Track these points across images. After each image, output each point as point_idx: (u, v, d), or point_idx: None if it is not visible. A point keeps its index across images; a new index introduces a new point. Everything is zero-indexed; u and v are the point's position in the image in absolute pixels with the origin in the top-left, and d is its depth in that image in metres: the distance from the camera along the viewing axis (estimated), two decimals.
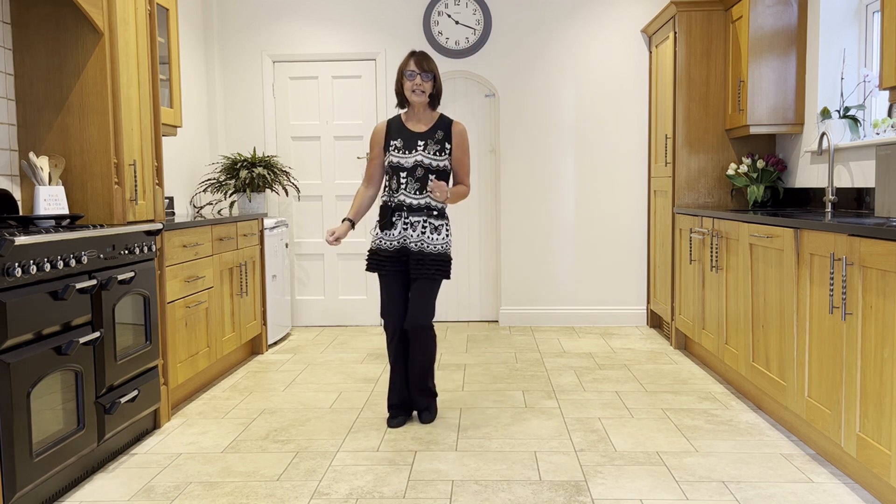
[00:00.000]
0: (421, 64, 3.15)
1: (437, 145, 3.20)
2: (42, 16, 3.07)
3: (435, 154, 3.18)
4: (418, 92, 3.17)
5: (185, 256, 3.59)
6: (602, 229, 5.49)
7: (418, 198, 3.17)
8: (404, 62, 3.19)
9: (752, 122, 4.26)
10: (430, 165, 3.18)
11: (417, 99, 3.18)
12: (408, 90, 3.19)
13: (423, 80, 3.16)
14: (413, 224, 3.17)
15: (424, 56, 3.18)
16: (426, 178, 3.18)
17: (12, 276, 2.23)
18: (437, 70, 3.19)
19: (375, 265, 3.22)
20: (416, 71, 3.15)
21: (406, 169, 3.17)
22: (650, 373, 4.10)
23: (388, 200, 3.22)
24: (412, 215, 3.17)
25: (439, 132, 3.22)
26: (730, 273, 3.70)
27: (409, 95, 3.19)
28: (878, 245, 2.30)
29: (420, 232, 3.17)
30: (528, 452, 2.91)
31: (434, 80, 3.19)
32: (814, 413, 2.77)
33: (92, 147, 3.08)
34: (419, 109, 3.24)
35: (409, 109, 3.28)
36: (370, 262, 3.24)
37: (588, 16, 5.40)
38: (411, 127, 3.24)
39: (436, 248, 3.18)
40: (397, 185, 3.19)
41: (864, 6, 3.92)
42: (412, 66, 3.16)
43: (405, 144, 3.19)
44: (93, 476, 2.74)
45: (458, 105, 5.57)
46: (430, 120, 3.25)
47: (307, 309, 5.64)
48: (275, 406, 3.59)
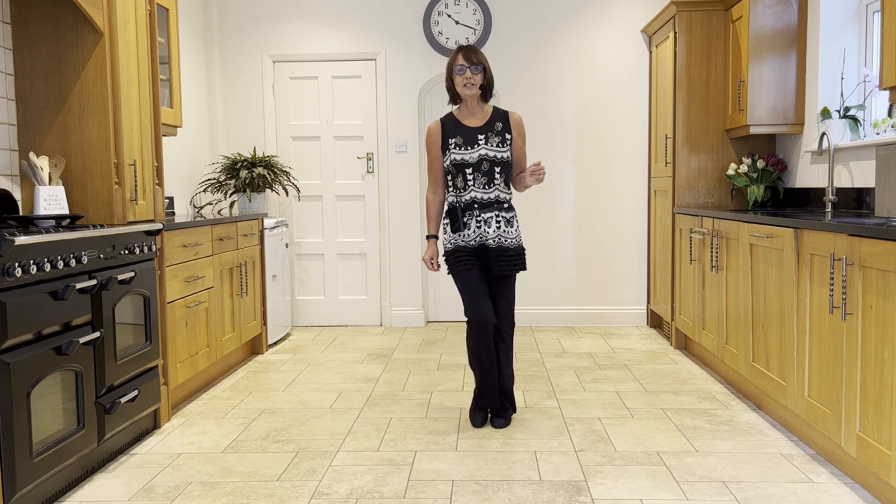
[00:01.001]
0: (469, 57, 3.12)
1: (498, 137, 3.17)
2: (42, 16, 3.07)
3: (498, 146, 3.16)
4: (469, 85, 3.13)
5: (185, 256, 3.59)
6: (602, 229, 5.49)
7: (487, 192, 3.15)
8: (452, 58, 3.17)
9: (752, 122, 4.26)
10: (494, 158, 3.15)
11: (469, 92, 3.15)
12: (459, 85, 3.15)
13: (472, 73, 3.13)
14: (486, 220, 3.14)
15: (472, 49, 3.14)
16: (492, 171, 3.15)
17: (12, 276, 2.23)
18: (486, 62, 3.16)
19: (458, 263, 3.14)
20: (466, 65, 3.12)
21: (471, 165, 3.14)
22: (650, 373, 4.10)
23: (456, 200, 3.18)
24: (483, 212, 3.15)
25: (498, 124, 3.19)
26: (730, 273, 3.70)
27: (460, 90, 3.16)
28: (878, 245, 2.30)
29: (496, 227, 3.14)
30: (528, 452, 2.91)
31: (485, 71, 3.15)
32: (814, 413, 2.77)
33: (92, 147, 3.09)
34: (472, 103, 3.21)
35: (461, 105, 3.24)
36: (452, 263, 3.16)
37: (588, 16, 5.40)
38: (467, 122, 3.21)
39: (513, 242, 3.16)
40: (464, 182, 3.15)
41: (864, 6, 3.92)
42: (461, 61, 3.13)
43: (465, 141, 3.16)
44: (93, 476, 2.74)
45: None
46: (485, 113, 3.22)
47: (307, 309, 5.64)
48: (275, 406, 3.59)
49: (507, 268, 3.13)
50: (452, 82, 3.19)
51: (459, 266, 3.14)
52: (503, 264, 3.13)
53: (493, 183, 3.15)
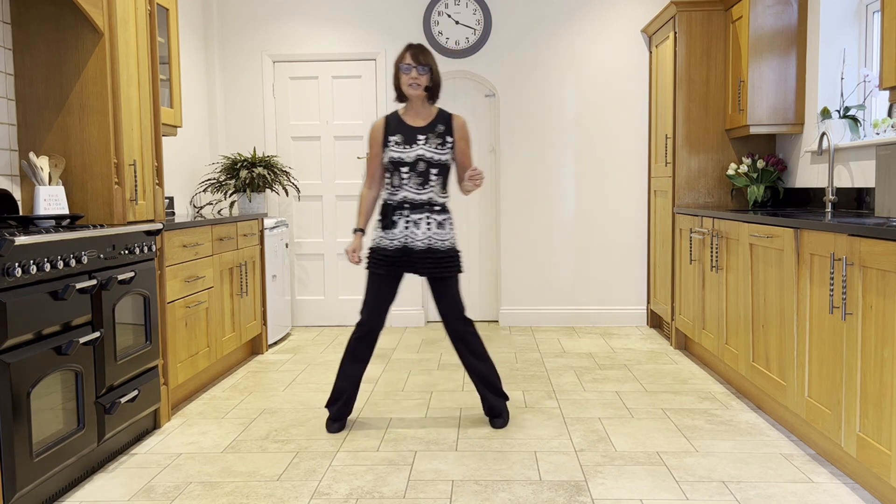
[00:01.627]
0: (417, 57, 3.09)
1: (439, 139, 3.15)
2: (42, 16, 3.07)
3: (437, 148, 3.14)
4: (415, 85, 3.11)
5: (185, 256, 3.59)
6: (602, 229, 5.49)
7: (420, 193, 3.13)
8: (400, 55, 3.13)
9: (752, 122, 4.26)
10: (431, 159, 3.13)
11: (414, 92, 3.12)
12: (404, 84, 3.13)
13: (419, 74, 3.10)
14: (416, 221, 3.12)
15: (421, 49, 3.11)
16: (428, 172, 3.13)
17: (12, 276, 2.23)
18: (434, 63, 3.13)
19: (373, 264, 3.16)
20: (412, 64, 3.10)
21: (407, 164, 3.12)
22: (650, 373, 4.10)
23: (390, 198, 3.17)
24: (414, 212, 3.13)
25: (440, 126, 3.17)
26: (730, 273, 3.70)
27: (405, 90, 3.13)
28: (878, 245, 2.30)
29: (425, 229, 3.12)
30: (528, 452, 2.91)
31: (431, 72, 3.12)
32: (814, 413, 2.77)
33: (92, 147, 3.08)
34: (417, 103, 3.18)
35: (407, 104, 3.21)
36: (369, 260, 3.19)
37: (588, 16, 5.40)
38: (410, 122, 3.18)
39: (444, 245, 3.14)
40: (399, 181, 3.14)
41: (864, 6, 3.92)
42: (408, 60, 3.10)
43: (405, 139, 3.14)
44: (93, 476, 2.74)
45: (458, 105, 5.57)
46: (429, 114, 3.20)
47: (307, 309, 5.64)
48: (275, 406, 3.59)
49: (435, 270, 3.10)
50: (399, 80, 3.15)
51: (373, 267, 3.15)
52: (431, 267, 3.11)
53: (428, 184, 3.13)
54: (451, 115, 3.22)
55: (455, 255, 3.17)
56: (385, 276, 3.15)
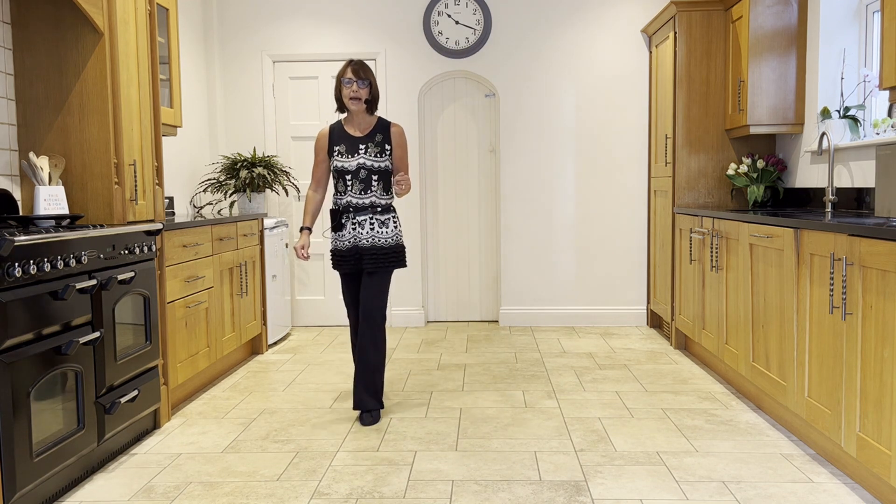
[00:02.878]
0: (357, 72, 3.33)
1: (377, 147, 3.39)
2: (42, 16, 3.07)
3: (376, 156, 3.38)
4: (354, 99, 3.34)
5: (185, 256, 3.59)
6: (602, 229, 5.49)
7: (363, 198, 3.38)
8: (342, 70, 3.36)
9: (752, 122, 4.26)
10: (371, 167, 3.37)
11: (354, 106, 3.36)
12: (345, 97, 3.35)
13: (359, 87, 3.33)
14: (360, 223, 3.37)
15: (361, 64, 3.36)
16: (369, 178, 3.37)
17: (12, 276, 2.23)
18: (373, 77, 3.39)
19: (335, 265, 3.45)
20: (353, 79, 3.33)
21: (350, 172, 3.37)
22: (650, 373, 4.10)
23: (336, 203, 3.43)
24: (358, 215, 3.38)
25: (378, 135, 3.41)
26: (730, 273, 3.70)
27: (346, 102, 3.36)
28: (878, 245, 2.30)
29: (369, 229, 3.37)
30: (528, 452, 2.91)
31: (370, 86, 3.37)
32: (814, 413, 2.77)
33: (92, 147, 3.09)
34: (357, 115, 3.41)
35: (348, 115, 3.45)
36: (332, 262, 3.48)
37: (588, 16, 5.40)
38: (351, 132, 3.42)
39: (387, 242, 3.39)
40: (344, 187, 3.39)
41: (864, 6, 3.92)
42: (349, 75, 3.33)
43: (347, 149, 3.39)
44: (93, 476, 2.74)
45: (458, 105, 5.57)
46: (368, 124, 3.43)
47: (307, 309, 5.64)
48: (275, 406, 3.59)
49: (375, 264, 3.36)
50: (340, 93, 3.38)
51: (338, 268, 3.44)
52: (372, 261, 3.36)
53: (370, 189, 3.38)
54: (390, 123, 3.46)
55: (399, 250, 3.42)
56: (350, 274, 3.45)
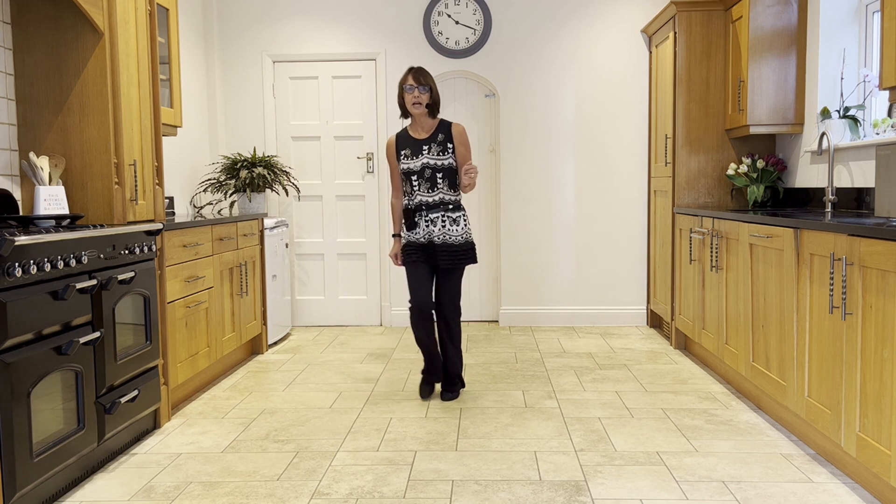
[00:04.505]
0: (418, 78, 3.52)
1: (440, 147, 3.56)
2: (42, 16, 3.07)
3: (438, 154, 3.55)
4: (416, 104, 3.53)
5: (186, 256, 3.59)
6: (602, 229, 5.49)
7: (432, 195, 3.56)
8: (403, 78, 3.56)
9: (752, 122, 4.26)
10: (435, 165, 3.55)
11: (417, 111, 3.55)
12: (408, 103, 3.56)
13: (420, 93, 3.52)
14: (433, 220, 3.55)
15: (421, 71, 3.54)
16: (434, 177, 3.55)
17: (12, 276, 2.23)
18: (433, 82, 3.55)
19: (407, 256, 3.60)
20: (414, 85, 3.52)
21: (416, 172, 3.56)
22: (650, 373, 4.10)
23: (409, 204, 3.61)
24: (430, 212, 3.56)
25: (440, 135, 3.58)
26: (730, 273, 3.70)
27: (409, 108, 3.57)
28: (878, 245, 2.30)
29: (441, 226, 3.54)
30: (528, 452, 2.91)
31: (431, 91, 3.54)
32: (814, 413, 2.77)
33: (92, 147, 3.09)
34: (420, 119, 3.60)
35: (412, 120, 3.64)
36: (404, 255, 3.62)
37: (588, 16, 5.40)
38: (415, 135, 3.62)
39: (457, 239, 3.55)
40: (411, 188, 3.59)
41: (864, 6, 3.92)
42: (410, 81, 3.53)
43: (412, 152, 3.59)
44: (93, 476, 2.75)
45: (458, 105, 5.57)
46: (430, 127, 3.61)
47: (307, 309, 5.64)
48: (275, 406, 3.59)
49: (450, 261, 3.52)
50: (403, 99, 3.58)
51: (407, 258, 3.60)
52: (447, 258, 3.53)
53: (437, 187, 3.56)
54: (451, 123, 3.62)
55: (470, 247, 3.59)
56: (418, 262, 3.58)
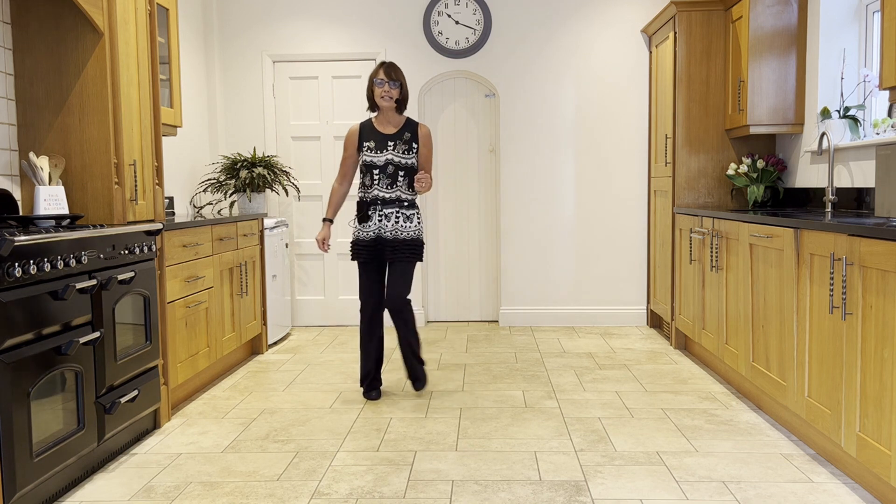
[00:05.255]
0: (389, 73, 3.55)
1: (405, 145, 3.60)
2: (42, 16, 3.07)
3: (403, 153, 3.60)
4: (386, 98, 3.56)
5: (185, 256, 3.59)
6: (602, 229, 5.49)
7: (390, 192, 3.59)
8: (374, 71, 3.58)
9: (752, 122, 4.26)
10: (399, 163, 3.59)
11: (386, 104, 3.58)
12: (377, 96, 3.57)
13: (390, 88, 3.55)
14: (387, 215, 3.57)
15: (393, 66, 3.57)
16: (396, 174, 3.59)
17: (12, 276, 2.23)
18: (403, 79, 3.59)
19: (356, 254, 3.62)
20: (385, 79, 3.55)
21: (378, 167, 3.58)
22: (650, 373, 4.10)
23: (364, 196, 3.61)
24: (385, 207, 3.58)
25: (407, 133, 3.62)
26: (730, 273, 3.70)
27: (378, 101, 3.58)
28: (878, 245, 2.30)
29: (394, 222, 3.57)
30: (528, 452, 2.91)
31: (401, 87, 3.58)
32: (814, 413, 2.77)
33: (92, 147, 3.09)
34: (388, 113, 3.63)
35: (379, 114, 3.65)
36: (352, 252, 3.64)
37: (588, 16, 5.40)
38: (381, 129, 3.63)
39: (409, 235, 3.60)
40: (371, 181, 3.59)
41: (864, 6, 3.92)
42: (381, 75, 3.56)
43: (377, 145, 3.59)
44: (93, 476, 2.75)
45: (458, 105, 5.57)
46: (397, 123, 3.64)
47: (307, 309, 5.64)
48: (275, 406, 3.59)
49: (400, 256, 3.57)
50: (373, 92, 3.59)
51: (356, 256, 3.63)
52: (397, 253, 3.57)
53: (396, 184, 3.59)
54: (418, 123, 3.68)
55: (418, 244, 3.62)
56: (368, 262, 3.62)
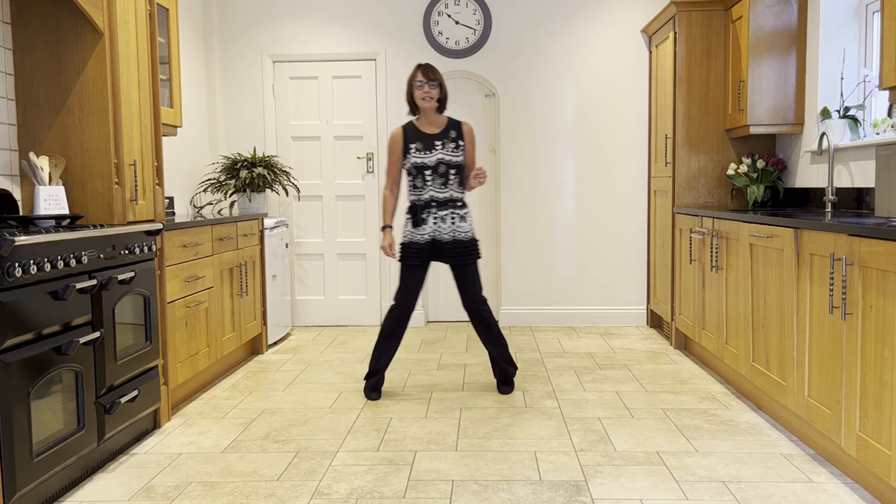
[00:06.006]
0: (427, 74, 3.58)
1: (453, 143, 3.63)
2: (42, 16, 3.07)
3: (452, 151, 3.62)
4: (427, 99, 3.59)
5: (185, 256, 3.59)
6: (602, 229, 5.49)
7: (443, 191, 3.61)
8: (412, 74, 3.61)
9: (752, 122, 4.26)
10: (450, 161, 3.61)
11: (427, 105, 3.61)
12: (418, 98, 3.61)
13: (430, 88, 3.58)
14: (442, 217, 3.59)
15: (430, 67, 3.61)
16: (447, 173, 3.60)
17: (12, 276, 2.23)
18: (442, 78, 3.61)
19: (408, 256, 3.60)
20: (424, 80, 3.58)
21: (430, 167, 3.59)
22: (650, 373, 4.10)
23: (417, 199, 3.63)
24: (440, 209, 3.60)
25: (452, 132, 3.65)
26: (730, 273, 3.70)
27: (420, 103, 3.62)
28: (878, 245, 2.30)
29: (450, 223, 3.59)
30: (528, 452, 2.91)
31: (440, 86, 3.60)
32: (814, 413, 2.77)
33: (92, 147, 3.09)
34: (430, 114, 3.66)
35: (420, 116, 3.68)
36: (403, 254, 3.62)
37: (588, 16, 5.40)
38: (426, 130, 3.66)
39: (466, 235, 3.62)
40: (423, 182, 3.61)
41: (864, 6, 3.92)
42: (420, 77, 3.59)
43: (425, 146, 3.62)
44: (93, 476, 2.75)
45: (458, 105, 5.57)
46: (440, 123, 3.67)
47: (307, 309, 5.64)
48: (275, 406, 3.59)
49: (462, 258, 3.58)
50: (412, 95, 3.63)
51: (408, 259, 3.60)
52: (458, 255, 3.58)
53: (448, 183, 3.61)
54: (461, 122, 3.70)
55: (475, 243, 3.65)
56: (418, 266, 3.61)
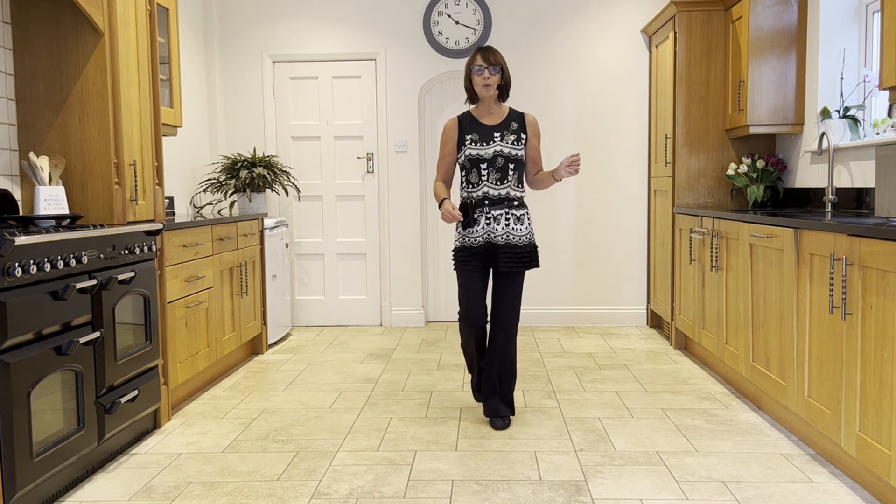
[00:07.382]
0: (487, 58, 3.18)
1: (514, 135, 3.24)
2: (42, 16, 3.07)
3: (513, 144, 3.22)
4: (487, 86, 3.19)
5: (186, 256, 3.59)
6: (602, 229, 5.49)
7: (499, 188, 3.20)
8: (471, 58, 3.22)
9: (752, 122, 4.26)
10: (509, 155, 3.21)
11: (487, 93, 3.21)
12: (478, 85, 3.21)
13: (490, 74, 3.18)
14: (496, 217, 3.19)
15: (491, 50, 3.20)
16: (506, 167, 3.20)
17: (12, 276, 2.23)
18: (504, 62, 3.22)
19: (462, 262, 3.21)
20: (484, 65, 3.18)
21: (486, 160, 3.20)
22: (650, 373, 4.10)
23: (469, 196, 3.24)
24: (494, 208, 3.20)
25: (513, 123, 3.26)
26: (730, 273, 3.70)
27: (479, 90, 3.22)
28: (878, 245, 2.30)
29: (504, 225, 3.19)
30: (528, 452, 2.91)
31: (502, 72, 3.21)
32: (814, 413, 2.77)
33: (92, 147, 3.09)
34: (490, 103, 3.27)
35: (479, 105, 3.30)
36: (457, 260, 3.23)
37: (588, 16, 5.40)
38: (484, 120, 3.27)
39: (521, 240, 3.20)
40: (478, 177, 3.21)
41: (864, 6, 3.92)
42: (479, 62, 3.19)
43: (482, 137, 3.22)
44: (93, 476, 2.74)
45: (459, 105, 5.57)
46: (501, 113, 3.29)
47: (307, 309, 5.64)
48: (275, 406, 3.59)
49: (512, 265, 3.16)
50: (471, 82, 3.24)
51: (463, 265, 3.21)
52: (509, 261, 3.16)
53: (506, 179, 3.20)
54: (524, 113, 3.31)
55: (533, 250, 3.23)
56: (474, 270, 3.21)
